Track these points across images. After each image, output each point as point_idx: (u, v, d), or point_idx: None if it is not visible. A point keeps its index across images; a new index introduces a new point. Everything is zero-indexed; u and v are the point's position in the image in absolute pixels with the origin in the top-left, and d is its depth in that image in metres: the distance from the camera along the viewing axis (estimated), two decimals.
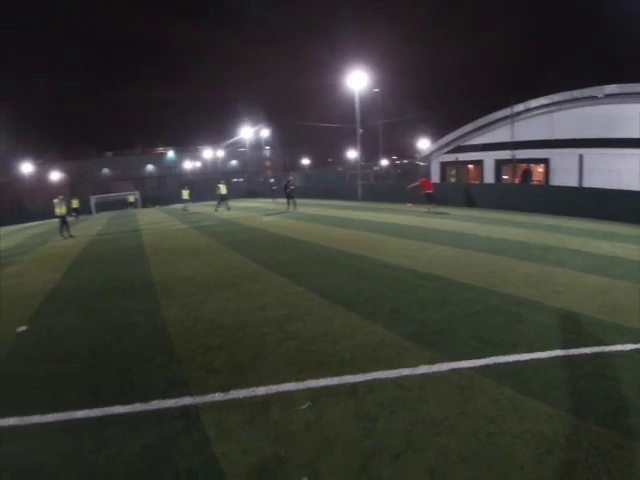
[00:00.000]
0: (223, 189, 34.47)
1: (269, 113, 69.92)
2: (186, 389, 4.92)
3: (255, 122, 66.39)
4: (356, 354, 5.45)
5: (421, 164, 45.99)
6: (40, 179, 72.78)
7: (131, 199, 54.66)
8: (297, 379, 4.91)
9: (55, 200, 24.76)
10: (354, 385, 4.68)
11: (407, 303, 7.32)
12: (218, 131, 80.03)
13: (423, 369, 4.93)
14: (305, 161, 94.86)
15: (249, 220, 24.06)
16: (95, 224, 33.67)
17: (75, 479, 3.70)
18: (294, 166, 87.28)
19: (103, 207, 52.86)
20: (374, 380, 4.76)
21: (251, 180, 64.10)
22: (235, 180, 60.61)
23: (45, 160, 74.64)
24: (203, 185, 61.11)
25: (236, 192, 51.43)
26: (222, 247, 15.00)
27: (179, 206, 44.18)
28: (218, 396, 4.70)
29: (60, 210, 24.46)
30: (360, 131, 36.26)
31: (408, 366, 5.02)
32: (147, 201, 54.80)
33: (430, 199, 23.08)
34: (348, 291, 8.30)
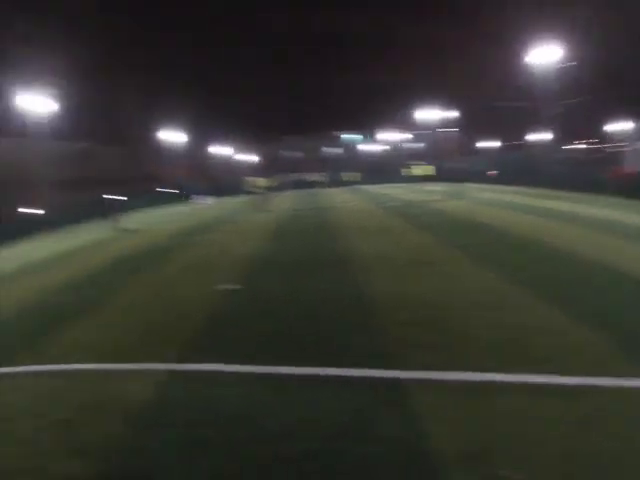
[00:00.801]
0: (430, 170, 34.09)
1: (453, 94, 67.23)
2: (394, 361, 5.07)
3: (438, 104, 64.62)
4: (564, 353, 5.11)
5: (627, 149, 41.31)
6: (232, 161, 79.40)
7: (316, 179, 57.14)
8: (504, 370, 4.75)
9: (250, 179, 26.99)
10: (563, 386, 4.40)
11: (619, 306, 6.50)
12: (402, 114, 79.47)
13: None
14: (489, 143, 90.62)
15: (434, 203, 23.77)
16: (285, 201, 35.86)
17: (282, 433, 3.95)
18: (477, 150, 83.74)
19: (290, 186, 55.98)
20: (584, 385, 4.39)
21: (433, 163, 63.02)
22: (413, 163, 59.98)
23: (237, 143, 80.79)
24: (388, 168, 61.70)
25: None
26: (411, 228, 15.14)
27: (359, 187, 45.11)
28: (426, 374, 4.76)
29: (256, 187, 26.64)
30: (552, 111, 33.54)
31: (624, 376, 4.49)
32: (331, 182, 56.74)
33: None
34: (550, 286, 7.63)
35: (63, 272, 12.92)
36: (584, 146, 65.28)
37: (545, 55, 32.24)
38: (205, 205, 38.31)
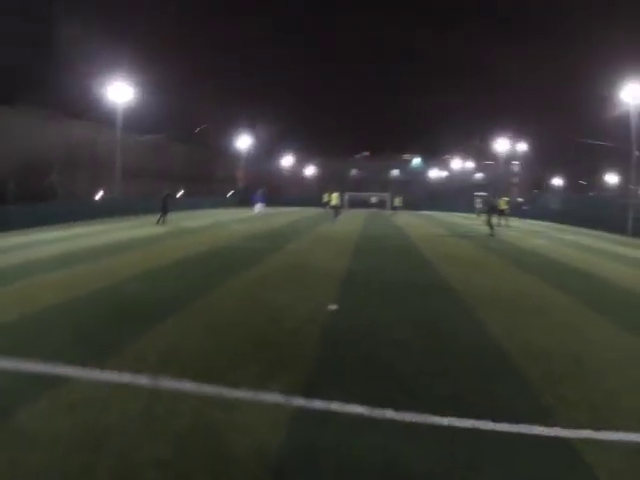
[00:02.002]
0: (504, 204, 32.43)
1: (522, 124, 65.05)
2: (551, 419, 4.43)
3: (507, 133, 61.84)
4: None
5: None
6: (296, 172, 79.79)
7: (375, 201, 57.60)
8: None
9: (333, 194, 30.94)
10: None
11: None
12: (467, 141, 77.91)
13: None
14: (556, 181, 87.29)
15: (512, 239, 22.56)
16: (354, 219, 35.10)
17: None
18: (541, 186, 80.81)
19: (352, 204, 55.82)
20: None
21: (495, 196, 61.18)
22: (477, 194, 58.29)
23: (301, 156, 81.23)
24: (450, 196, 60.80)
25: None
26: (502, 263, 14.21)
27: (422, 212, 43.87)
28: (589, 433, 4.17)
29: (333, 201, 29.90)
30: (636, 153, 31.54)
31: None
32: (390, 205, 56.39)
33: None
34: None
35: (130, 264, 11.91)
36: None
37: (632, 93, 30.36)
38: (258, 213, 36.70)
